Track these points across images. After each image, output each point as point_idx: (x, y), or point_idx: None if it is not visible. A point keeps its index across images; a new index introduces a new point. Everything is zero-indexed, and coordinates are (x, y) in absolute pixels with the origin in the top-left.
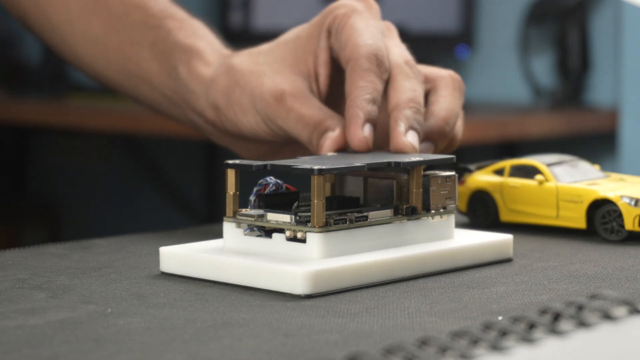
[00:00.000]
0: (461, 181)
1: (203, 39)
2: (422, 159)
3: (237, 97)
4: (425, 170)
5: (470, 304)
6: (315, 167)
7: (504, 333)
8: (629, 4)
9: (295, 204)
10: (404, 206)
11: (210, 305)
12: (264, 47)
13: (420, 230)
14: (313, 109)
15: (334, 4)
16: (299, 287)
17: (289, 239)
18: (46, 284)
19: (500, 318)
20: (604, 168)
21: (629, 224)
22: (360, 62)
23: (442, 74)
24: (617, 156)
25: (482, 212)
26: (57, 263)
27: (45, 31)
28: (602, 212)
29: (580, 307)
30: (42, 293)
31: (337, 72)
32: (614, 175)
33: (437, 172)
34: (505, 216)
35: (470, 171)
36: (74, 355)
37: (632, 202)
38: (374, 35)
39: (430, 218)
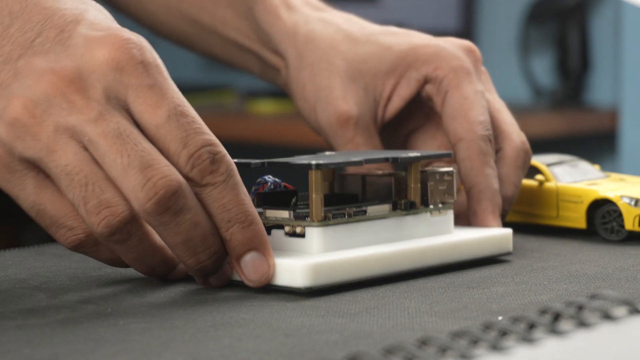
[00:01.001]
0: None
1: None
2: (419, 154)
3: (304, 80)
4: (423, 166)
5: (470, 304)
6: (313, 162)
7: (504, 333)
8: (629, 4)
9: (294, 200)
10: (403, 201)
11: (210, 305)
12: (354, 29)
13: (418, 225)
14: (370, 146)
15: (438, 51)
16: (299, 279)
17: (288, 235)
18: (46, 284)
19: (500, 318)
20: (604, 168)
21: (629, 224)
22: (479, 146)
23: (513, 138)
24: (617, 156)
25: None
26: (57, 263)
27: None
28: (602, 212)
29: (580, 307)
30: (42, 293)
31: (408, 106)
32: (614, 175)
33: (435, 167)
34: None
35: None
36: (74, 355)
37: (632, 202)
38: (484, 107)
39: (428, 213)
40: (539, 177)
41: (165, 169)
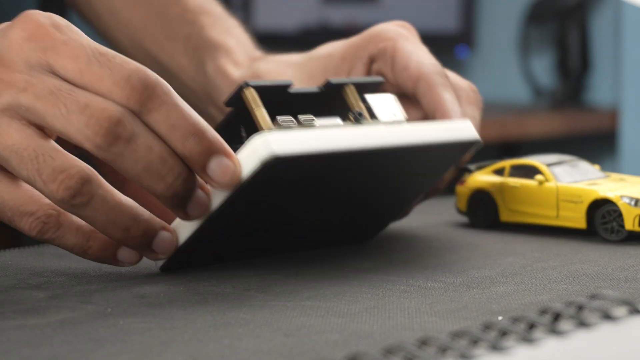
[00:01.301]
0: (461, 181)
1: (235, 38)
2: (349, 80)
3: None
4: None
5: (470, 304)
6: (243, 83)
7: (504, 333)
8: (629, 4)
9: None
10: (350, 113)
11: (210, 305)
12: (294, 58)
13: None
14: None
15: (375, 30)
16: (263, 151)
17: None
18: (46, 284)
19: (500, 318)
20: (603, 168)
21: (629, 224)
22: (434, 78)
23: (462, 85)
24: (617, 156)
25: (482, 212)
26: (57, 263)
27: (92, 20)
28: (602, 212)
29: (580, 307)
30: (42, 293)
31: None
32: (614, 175)
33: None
34: (505, 216)
35: (470, 171)
36: (74, 355)
37: (632, 202)
38: (430, 55)
39: (378, 120)
40: (539, 177)
41: (103, 104)
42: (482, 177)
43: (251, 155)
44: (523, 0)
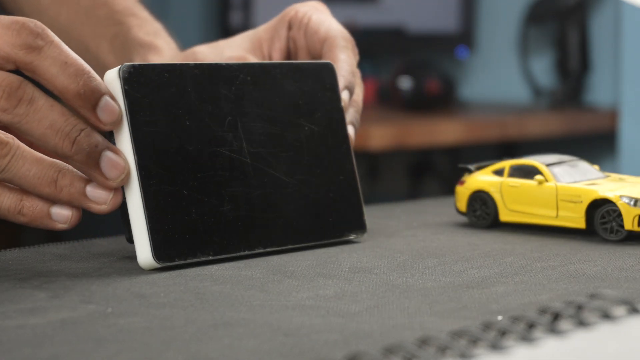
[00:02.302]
0: (461, 181)
1: (162, 39)
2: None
3: None
4: None
5: (470, 303)
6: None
7: (503, 333)
8: (629, 4)
9: None
10: None
11: (210, 305)
12: (222, 42)
13: None
14: None
15: (293, 6)
16: None
17: None
18: (46, 283)
19: (499, 318)
20: (603, 168)
21: (629, 224)
22: (338, 41)
23: (335, 33)
24: (617, 156)
25: (482, 212)
26: (57, 263)
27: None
28: (601, 212)
29: (579, 307)
30: (43, 293)
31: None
32: (614, 176)
33: None
34: (505, 216)
35: (470, 171)
36: (75, 355)
37: (632, 202)
38: (339, 24)
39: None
40: (538, 177)
41: (2, 73)
42: (482, 177)
43: (112, 82)
44: (523, 0)
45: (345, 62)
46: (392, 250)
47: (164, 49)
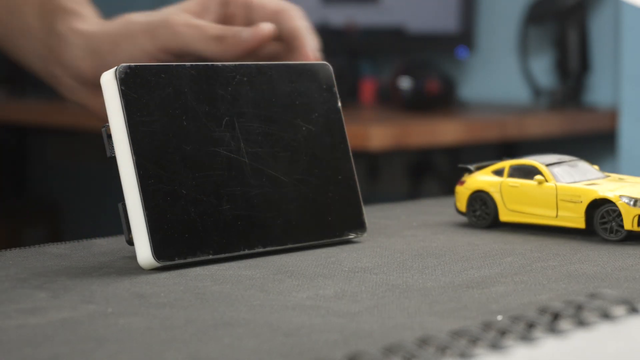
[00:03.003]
0: (461, 181)
1: (87, 8)
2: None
3: (131, 29)
4: None
5: (469, 303)
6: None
7: (503, 332)
8: (629, 4)
9: None
10: None
11: (210, 305)
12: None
13: None
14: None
15: None
16: None
17: None
18: (47, 283)
19: (499, 317)
20: (603, 168)
21: (628, 224)
22: (292, 12)
23: (285, 7)
24: (616, 156)
25: (482, 212)
26: (57, 263)
27: None
28: (601, 212)
29: (579, 307)
30: (43, 293)
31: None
32: (614, 176)
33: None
34: (505, 216)
35: (470, 171)
36: (75, 355)
37: (631, 202)
38: None
39: None
40: (538, 177)
41: None
42: (482, 177)
43: (109, 82)
44: (522, 0)
45: (305, 28)
46: (392, 250)
47: (88, 16)
